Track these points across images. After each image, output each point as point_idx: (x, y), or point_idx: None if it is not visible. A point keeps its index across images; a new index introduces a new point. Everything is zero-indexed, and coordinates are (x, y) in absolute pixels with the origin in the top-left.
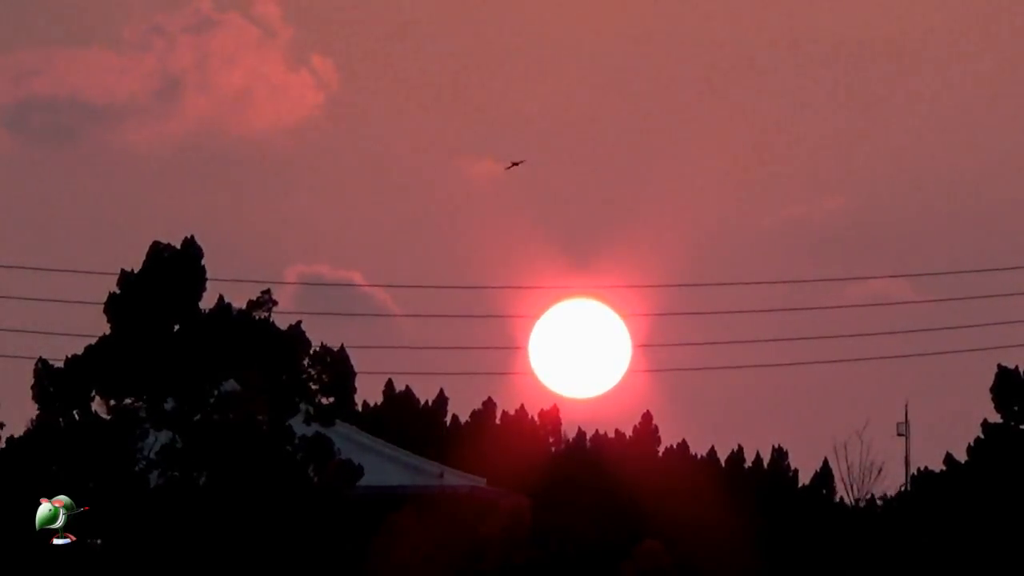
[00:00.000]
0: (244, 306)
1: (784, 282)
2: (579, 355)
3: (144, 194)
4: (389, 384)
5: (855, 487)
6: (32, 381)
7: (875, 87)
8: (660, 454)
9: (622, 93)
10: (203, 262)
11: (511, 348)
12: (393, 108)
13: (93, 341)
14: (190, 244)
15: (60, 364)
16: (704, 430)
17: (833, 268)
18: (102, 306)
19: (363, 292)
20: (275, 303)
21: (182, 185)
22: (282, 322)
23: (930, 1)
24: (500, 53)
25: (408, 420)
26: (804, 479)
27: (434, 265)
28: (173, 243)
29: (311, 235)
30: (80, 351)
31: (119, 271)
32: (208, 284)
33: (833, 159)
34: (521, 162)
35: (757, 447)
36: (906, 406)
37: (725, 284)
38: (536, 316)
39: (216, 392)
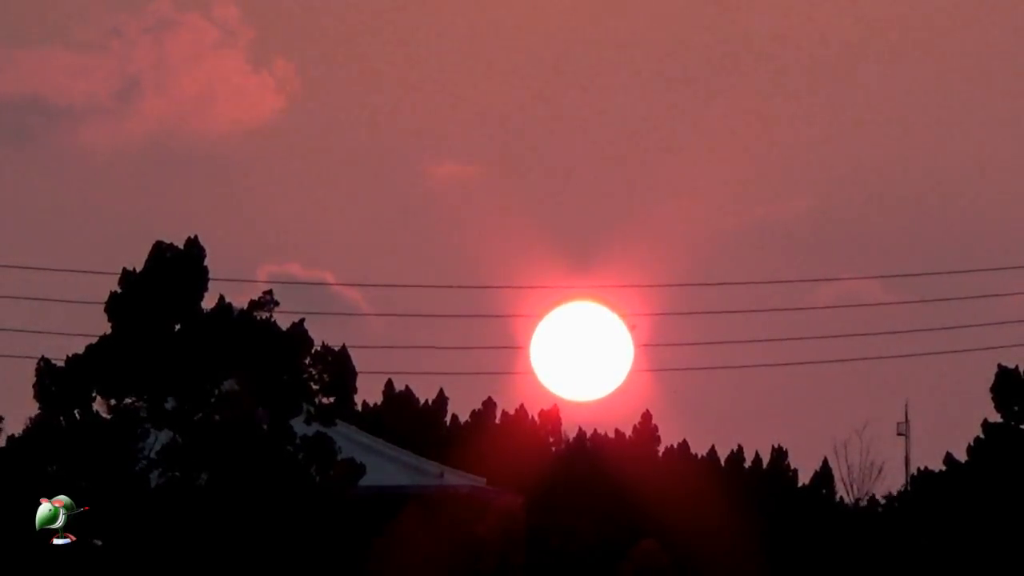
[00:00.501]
0: (246, 306)
1: (784, 282)
2: (581, 359)
3: (113, 194)
4: (389, 384)
5: (855, 487)
6: (33, 380)
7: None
8: (660, 454)
9: (618, 96)
10: (205, 262)
11: (512, 347)
12: (359, 109)
13: (94, 340)
14: (192, 244)
15: (61, 363)
16: (704, 430)
17: (832, 268)
18: (103, 305)
19: (363, 292)
20: (277, 303)
21: (151, 186)
22: (283, 321)
23: (894, 5)
24: (481, 53)
25: (408, 420)
26: (804, 479)
27: (435, 267)
28: (176, 243)
29: (305, 236)
30: (81, 351)
31: (120, 270)
32: (210, 284)
33: (804, 161)
34: None
35: (757, 447)
36: (906, 406)
37: (725, 284)
38: (538, 317)
39: (217, 392)
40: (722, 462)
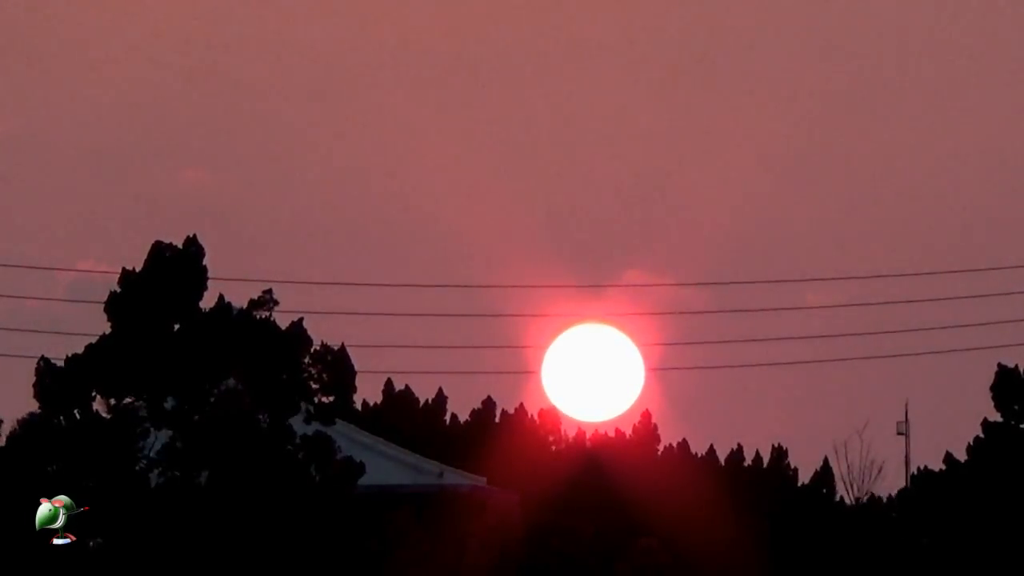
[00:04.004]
0: (245, 305)
1: (786, 281)
2: (593, 383)
3: (111, 194)
4: (388, 383)
5: (855, 486)
6: (33, 380)
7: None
8: (660, 453)
9: (627, 112)
10: (205, 261)
11: (512, 346)
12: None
13: (94, 340)
14: (191, 243)
15: (61, 363)
16: (704, 429)
17: (832, 267)
18: (103, 305)
19: (364, 291)
20: (276, 302)
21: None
22: (283, 320)
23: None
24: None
25: (407, 419)
26: (804, 478)
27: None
28: (175, 242)
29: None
30: (81, 350)
31: (120, 270)
32: (209, 283)
33: (800, 162)
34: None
35: (757, 446)
36: (906, 406)
37: (725, 283)
38: (537, 315)
39: (217, 391)
40: (722, 461)
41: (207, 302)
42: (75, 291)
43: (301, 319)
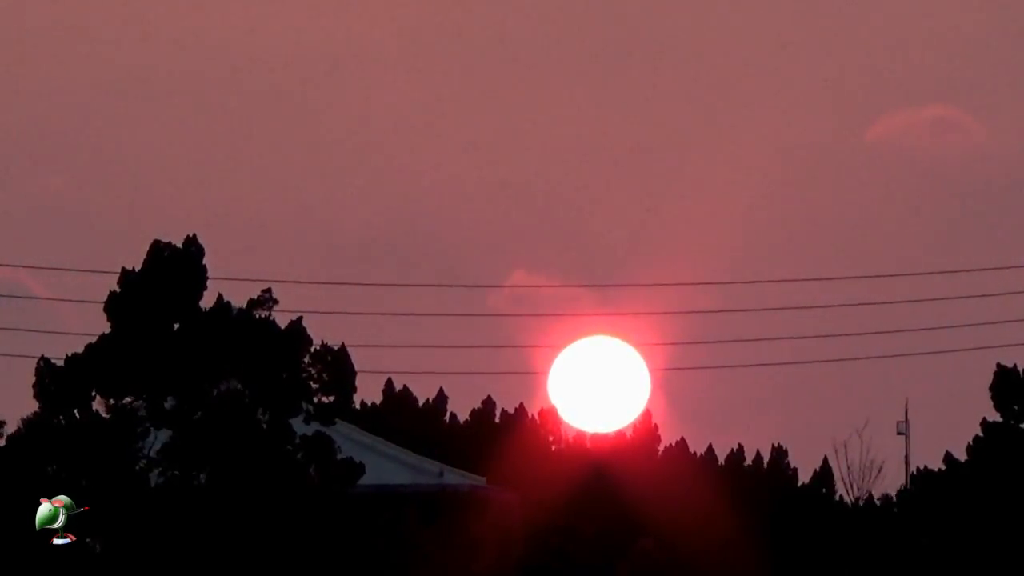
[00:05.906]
0: (244, 305)
1: (784, 281)
2: (600, 394)
3: (112, 193)
4: (388, 383)
5: (855, 486)
6: (33, 380)
7: None
8: (659, 453)
9: (627, 112)
10: (204, 261)
11: (512, 345)
12: None
13: (94, 340)
14: (191, 243)
15: (61, 363)
16: (704, 429)
17: (829, 267)
18: (103, 305)
19: (364, 291)
20: (276, 302)
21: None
22: (282, 320)
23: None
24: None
25: (407, 419)
26: (804, 478)
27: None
28: (175, 242)
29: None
30: (81, 350)
31: (120, 269)
32: (208, 283)
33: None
34: None
35: (757, 446)
36: (906, 405)
37: (726, 283)
38: (537, 316)
39: (216, 391)
40: (721, 461)
41: (207, 302)
42: (75, 291)
43: (301, 319)
